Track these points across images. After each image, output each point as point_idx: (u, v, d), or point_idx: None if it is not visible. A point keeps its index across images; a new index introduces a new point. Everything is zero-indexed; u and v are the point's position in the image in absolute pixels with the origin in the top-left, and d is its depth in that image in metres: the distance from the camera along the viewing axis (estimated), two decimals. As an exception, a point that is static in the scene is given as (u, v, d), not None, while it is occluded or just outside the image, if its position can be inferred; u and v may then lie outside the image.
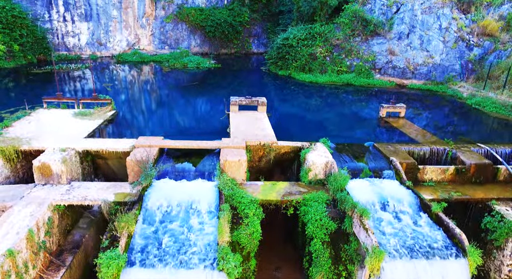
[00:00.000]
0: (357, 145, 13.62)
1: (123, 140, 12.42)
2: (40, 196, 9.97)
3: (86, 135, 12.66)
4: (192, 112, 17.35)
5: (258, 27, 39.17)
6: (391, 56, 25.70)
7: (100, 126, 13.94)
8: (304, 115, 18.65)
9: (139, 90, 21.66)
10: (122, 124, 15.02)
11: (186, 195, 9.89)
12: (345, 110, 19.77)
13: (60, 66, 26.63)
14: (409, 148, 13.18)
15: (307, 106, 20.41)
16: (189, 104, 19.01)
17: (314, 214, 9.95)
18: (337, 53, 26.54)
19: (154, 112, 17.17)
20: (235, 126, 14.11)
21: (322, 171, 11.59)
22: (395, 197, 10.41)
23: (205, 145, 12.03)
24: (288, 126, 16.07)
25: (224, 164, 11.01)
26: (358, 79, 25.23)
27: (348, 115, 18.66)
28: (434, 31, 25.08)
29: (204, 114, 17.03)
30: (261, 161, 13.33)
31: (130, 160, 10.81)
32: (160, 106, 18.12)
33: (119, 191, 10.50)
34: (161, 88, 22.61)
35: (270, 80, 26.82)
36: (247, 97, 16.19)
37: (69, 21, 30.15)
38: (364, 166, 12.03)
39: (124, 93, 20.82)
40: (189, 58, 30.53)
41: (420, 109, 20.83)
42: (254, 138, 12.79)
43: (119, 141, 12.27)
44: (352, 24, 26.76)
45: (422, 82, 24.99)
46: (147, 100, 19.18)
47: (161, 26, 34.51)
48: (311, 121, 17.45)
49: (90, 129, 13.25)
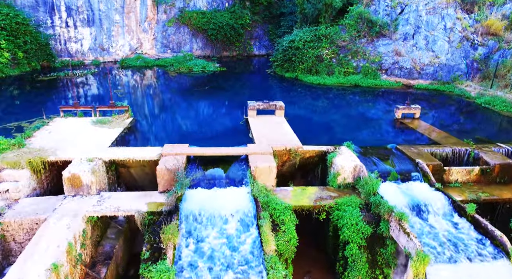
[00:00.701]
0: (380, 148, 13.69)
1: (147, 148, 12.33)
2: (72, 207, 9.84)
3: (110, 144, 12.54)
4: (209, 117, 17.30)
5: (259, 29, 39.20)
6: (397, 57, 25.90)
7: (121, 134, 13.81)
8: (316, 118, 18.70)
9: (151, 95, 21.53)
10: (142, 132, 14.91)
11: (221, 204, 9.84)
12: (357, 112, 19.86)
13: (66, 72, 26.31)
14: (431, 149, 13.29)
15: (318, 109, 20.47)
16: (204, 108, 18.95)
17: (350, 218, 9.96)
18: (343, 55, 26.66)
19: (172, 118, 17.08)
20: (257, 131, 14.08)
21: (350, 175, 11.63)
22: (427, 199, 10.48)
23: (232, 151, 11.99)
24: (301, 130, 16.07)
25: (255, 170, 10.98)
26: (365, 81, 25.38)
27: (361, 117, 18.74)
28: (439, 31, 25.34)
29: (222, 119, 16.98)
30: (285, 166, 13.33)
31: (160, 168, 10.73)
32: (176, 112, 18.02)
33: (150, 201, 10.42)
34: (172, 93, 22.49)
35: (277, 83, 26.85)
36: (265, 102, 16.18)
37: (72, 27, 29.85)
38: (391, 168, 12.09)
39: (137, 99, 20.67)
40: (194, 62, 30.41)
41: (430, 110, 21.02)
42: (279, 143, 12.79)
43: (144, 149, 12.17)
44: (357, 25, 26.91)
45: (429, 82, 25.22)
46: (161, 106, 19.07)
47: (163, 30, 34.35)
48: (325, 124, 17.49)
49: (113, 137, 13.13)
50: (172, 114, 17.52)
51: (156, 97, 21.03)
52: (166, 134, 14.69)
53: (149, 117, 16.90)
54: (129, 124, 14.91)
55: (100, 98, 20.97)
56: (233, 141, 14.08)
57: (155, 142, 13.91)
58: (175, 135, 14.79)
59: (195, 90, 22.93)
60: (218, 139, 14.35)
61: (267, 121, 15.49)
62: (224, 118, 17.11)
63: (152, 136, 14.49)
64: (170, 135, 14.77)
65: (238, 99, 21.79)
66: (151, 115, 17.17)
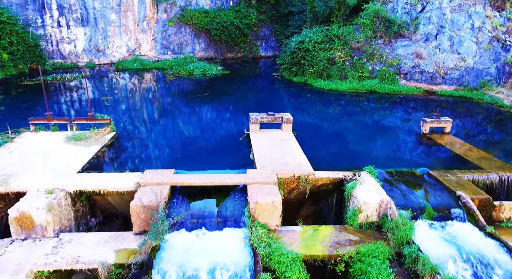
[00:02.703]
0: (409, 173, 11.27)
1: (125, 174, 10.09)
2: (16, 258, 7.63)
3: (80, 169, 10.33)
4: (205, 131, 15.02)
5: (266, 29, 36.86)
6: (418, 59, 23.34)
7: (97, 154, 11.59)
8: (328, 129, 16.31)
9: (141, 104, 19.30)
10: (124, 150, 12.67)
11: (208, 255, 7.55)
12: (375, 122, 17.42)
13: (54, 76, 24.27)
14: (473, 176, 10.83)
15: (330, 118, 18.07)
16: (200, 120, 16.68)
17: (377, 277, 7.58)
18: (357, 57, 24.19)
19: (161, 132, 14.83)
20: (259, 152, 11.76)
21: (375, 212, 9.25)
22: (477, 251, 8.05)
23: (227, 180, 9.68)
24: (312, 145, 13.74)
25: (254, 208, 8.67)
26: (382, 86, 22.89)
27: (379, 129, 16.31)
28: (465, 31, 22.73)
29: (220, 132, 14.68)
30: (292, 193, 10.99)
31: (135, 205, 8.48)
32: (167, 124, 15.77)
33: (122, 247, 8.17)
34: (166, 101, 20.26)
35: (285, 88, 24.50)
36: (269, 114, 13.85)
37: (64, 27, 27.86)
38: (425, 203, 9.67)
39: (125, 108, 18.48)
40: (195, 65, 28.21)
41: (457, 120, 18.49)
42: (285, 169, 10.45)
43: (120, 176, 9.95)
44: (373, 25, 24.42)
45: (454, 88, 22.63)
46: (151, 117, 16.83)
47: (163, 30, 32.23)
48: (338, 137, 15.12)
49: (85, 159, 10.91)
50: (162, 128, 15.28)
51: (146, 106, 18.82)
52: (152, 153, 12.44)
53: (135, 131, 14.68)
54: (109, 140, 12.71)
55: (87, 106, 18.85)
56: (231, 162, 11.77)
57: (138, 163, 11.67)
58: (163, 154, 12.54)
59: (193, 97, 20.68)
60: (213, 159, 12.07)
61: (272, 138, 13.16)
62: (223, 132, 14.80)
63: (135, 155, 12.26)
64: (156, 154, 12.51)
65: (240, 107, 19.50)
66: (137, 129, 14.93)
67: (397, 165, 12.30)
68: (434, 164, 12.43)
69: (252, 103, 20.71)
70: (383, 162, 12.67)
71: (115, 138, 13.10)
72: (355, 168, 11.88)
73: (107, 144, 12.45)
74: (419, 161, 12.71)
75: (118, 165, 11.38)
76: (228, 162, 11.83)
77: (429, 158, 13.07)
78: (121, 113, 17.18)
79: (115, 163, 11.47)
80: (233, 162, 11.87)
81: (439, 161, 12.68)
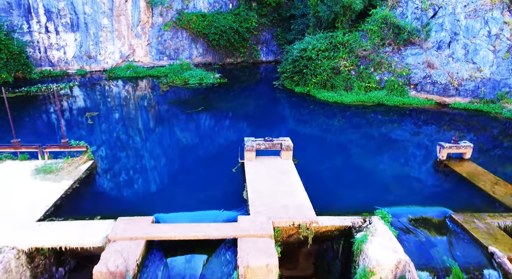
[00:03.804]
0: (427, 218, 9.67)
1: (95, 223, 8.57)
2: None
3: (43, 215, 8.81)
4: (195, 159, 13.45)
5: (267, 33, 35.23)
6: (430, 69, 21.67)
7: (67, 192, 10.08)
8: (333, 152, 14.73)
9: (128, 122, 17.68)
10: (100, 185, 11.16)
11: None
12: (384, 142, 15.84)
13: (39, 87, 22.76)
14: (505, 222, 9.22)
15: (334, 139, 16.48)
16: (190, 145, 15.12)
17: None
18: (364, 66, 22.54)
19: (144, 160, 13.27)
20: (254, 189, 10.18)
21: (390, 274, 7.68)
22: None
23: (214, 232, 8.13)
24: (315, 172, 12.22)
25: (245, 273, 7.12)
26: (390, 98, 21.25)
27: (391, 152, 14.71)
28: (481, 39, 21.02)
29: (211, 161, 13.09)
30: (291, 237, 9.44)
31: (99, 272, 6.95)
32: (152, 151, 14.16)
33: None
34: (155, 118, 18.64)
35: (286, 100, 22.93)
36: (267, 140, 12.26)
37: (53, 32, 26.33)
38: (451, 261, 8.08)
39: (109, 127, 16.93)
40: (191, 73, 26.64)
41: (473, 138, 16.87)
42: (284, 215, 8.89)
43: (89, 225, 8.43)
44: (381, 31, 22.75)
45: (468, 100, 20.96)
46: (135, 141, 15.24)
47: (159, 34, 30.67)
48: (344, 163, 13.52)
49: (51, 201, 9.39)
50: (146, 155, 13.69)
51: (132, 126, 17.21)
52: (131, 190, 10.89)
53: (115, 158, 13.15)
54: (84, 172, 11.19)
55: (69, 125, 17.37)
56: (222, 201, 10.27)
57: (114, 203, 10.14)
58: (144, 189, 11.01)
59: (186, 113, 19.15)
60: (202, 197, 10.54)
61: (269, 168, 11.59)
62: (215, 160, 13.22)
63: (111, 192, 10.73)
64: (136, 189, 10.98)
65: (236, 125, 17.93)
66: (118, 156, 13.40)
67: (412, 201, 10.74)
68: (455, 201, 10.82)
69: (250, 119, 19.16)
70: (396, 196, 11.12)
71: (91, 169, 11.57)
72: (363, 203, 10.34)
73: (81, 177, 10.93)
74: (437, 197, 11.11)
75: (90, 205, 9.83)
76: (219, 201, 10.29)
77: (448, 192, 11.46)
78: (103, 134, 15.61)
79: (86, 203, 9.92)
80: (224, 200, 10.33)
81: (461, 198, 11.05)
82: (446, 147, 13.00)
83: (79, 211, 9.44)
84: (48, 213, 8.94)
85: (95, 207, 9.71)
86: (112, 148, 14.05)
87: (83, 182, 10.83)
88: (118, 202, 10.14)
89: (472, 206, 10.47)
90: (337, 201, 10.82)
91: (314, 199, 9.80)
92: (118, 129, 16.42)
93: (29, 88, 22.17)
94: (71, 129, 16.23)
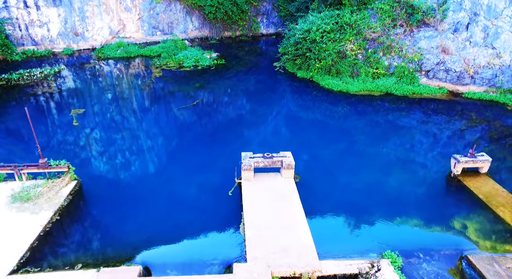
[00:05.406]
0: (439, 259, 8.85)
1: (75, 274, 7.75)
2: None
3: (16, 265, 7.96)
4: (185, 177, 12.28)
5: (267, 3, 32.55)
6: (444, 54, 19.94)
7: (46, 228, 9.19)
8: (336, 164, 13.65)
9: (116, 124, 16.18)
10: (84, 214, 10.25)
11: None
12: (391, 150, 14.76)
13: (21, 73, 21.08)
14: (526, 265, 8.42)
15: (338, 148, 15.33)
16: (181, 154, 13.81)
17: None
18: (372, 50, 20.77)
19: (134, 177, 12.22)
20: (251, 224, 9.29)
21: None
22: None
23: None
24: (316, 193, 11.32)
25: None
26: (400, 87, 19.75)
27: (398, 165, 13.64)
28: (504, 21, 19.07)
29: (206, 182, 11.85)
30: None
31: None
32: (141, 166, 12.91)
33: None
34: (147, 118, 17.04)
35: (287, 86, 21.41)
36: (266, 156, 11.16)
37: (33, 7, 24.07)
38: (467, 319, 7.36)
39: (95, 130, 15.61)
40: (185, 54, 24.77)
41: (481, 134, 15.76)
42: (283, 261, 8.08)
43: (68, 277, 7.62)
44: (392, 11, 20.68)
45: (484, 90, 19.48)
46: (124, 150, 14.08)
47: (151, 7, 28.26)
48: (348, 182, 12.44)
49: (26, 244, 8.51)
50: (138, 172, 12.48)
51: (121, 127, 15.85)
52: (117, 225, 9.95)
53: (102, 175, 12.13)
54: (66, 198, 10.24)
55: (55, 126, 16.13)
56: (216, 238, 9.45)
57: (99, 242, 9.28)
58: (133, 220, 10.10)
59: (179, 108, 17.82)
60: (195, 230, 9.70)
61: (269, 191, 10.62)
62: (209, 180, 12.05)
63: (97, 225, 9.83)
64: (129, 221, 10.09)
65: (234, 126, 16.59)
66: (104, 173, 12.34)
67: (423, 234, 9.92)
68: (469, 231, 9.98)
69: (248, 115, 17.89)
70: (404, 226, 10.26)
71: (74, 193, 10.61)
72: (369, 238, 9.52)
73: (62, 205, 9.99)
74: (449, 225, 10.25)
75: (70, 248, 8.94)
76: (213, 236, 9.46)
77: (462, 218, 10.55)
78: (89, 143, 14.15)
79: (66, 245, 9.05)
80: (219, 235, 9.50)
81: (477, 228, 10.16)
82: (462, 161, 11.90)
83: (58, 256, 8.59)
84: (22, 261, 8.11)
85: (76, 249, 8.84)
86: (98, 160, 12.94)
87: (65, 212, 9.91)
88: (102, 240, 9.25)
89: (490, 237, 9.67)
90: (341, 228, 9.99)
91: (312, 212, 8.91)
92: (105, 134, 14.95)
93: (10, 75, 20.54)
94: (54, 134, 14.91)
